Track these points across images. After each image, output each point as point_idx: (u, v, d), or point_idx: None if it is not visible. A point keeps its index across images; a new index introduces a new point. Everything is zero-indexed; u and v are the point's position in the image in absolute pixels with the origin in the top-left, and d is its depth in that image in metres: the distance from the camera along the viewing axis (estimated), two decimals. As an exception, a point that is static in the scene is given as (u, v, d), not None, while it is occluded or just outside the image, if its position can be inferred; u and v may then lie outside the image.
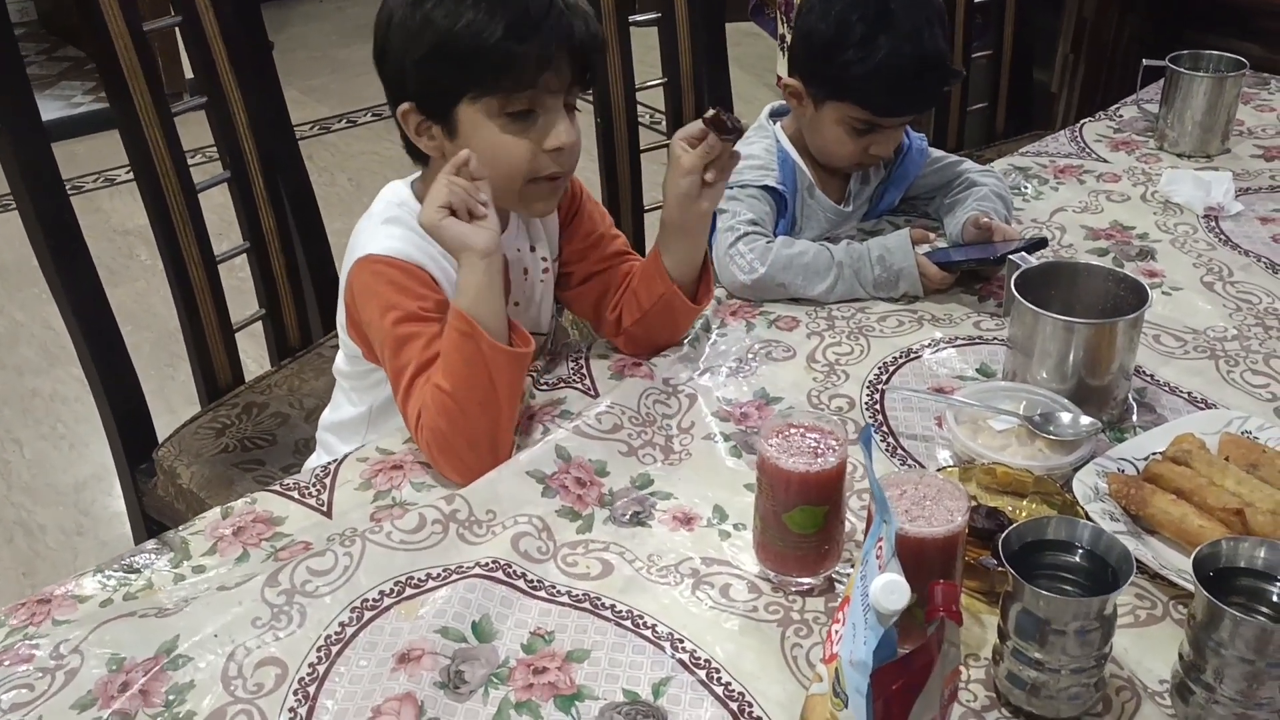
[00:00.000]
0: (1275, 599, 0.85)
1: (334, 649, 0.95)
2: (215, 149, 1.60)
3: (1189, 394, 1.27)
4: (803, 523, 0.98)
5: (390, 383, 1.17)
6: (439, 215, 1.10)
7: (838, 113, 1.48)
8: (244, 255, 1.66)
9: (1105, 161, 1.84)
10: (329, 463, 1.19)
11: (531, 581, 1.02)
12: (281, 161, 1.64)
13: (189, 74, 1.68)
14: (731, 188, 1.53)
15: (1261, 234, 1.60)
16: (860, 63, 1.42)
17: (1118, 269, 1.26)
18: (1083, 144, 1.90)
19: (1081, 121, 1.99)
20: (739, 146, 1.59)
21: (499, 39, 1.09)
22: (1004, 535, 0.88)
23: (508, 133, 1.14)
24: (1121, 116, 2.01)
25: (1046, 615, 0.85)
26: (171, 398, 2.47)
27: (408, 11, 1.13)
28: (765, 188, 1.52)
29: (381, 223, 1.20)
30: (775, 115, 1.63)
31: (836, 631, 0.81)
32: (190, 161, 1.53)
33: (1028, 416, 1.15)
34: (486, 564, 1.02)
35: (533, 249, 1.32)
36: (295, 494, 1.14)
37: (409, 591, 1.00)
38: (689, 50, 1.88)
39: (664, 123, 1.97)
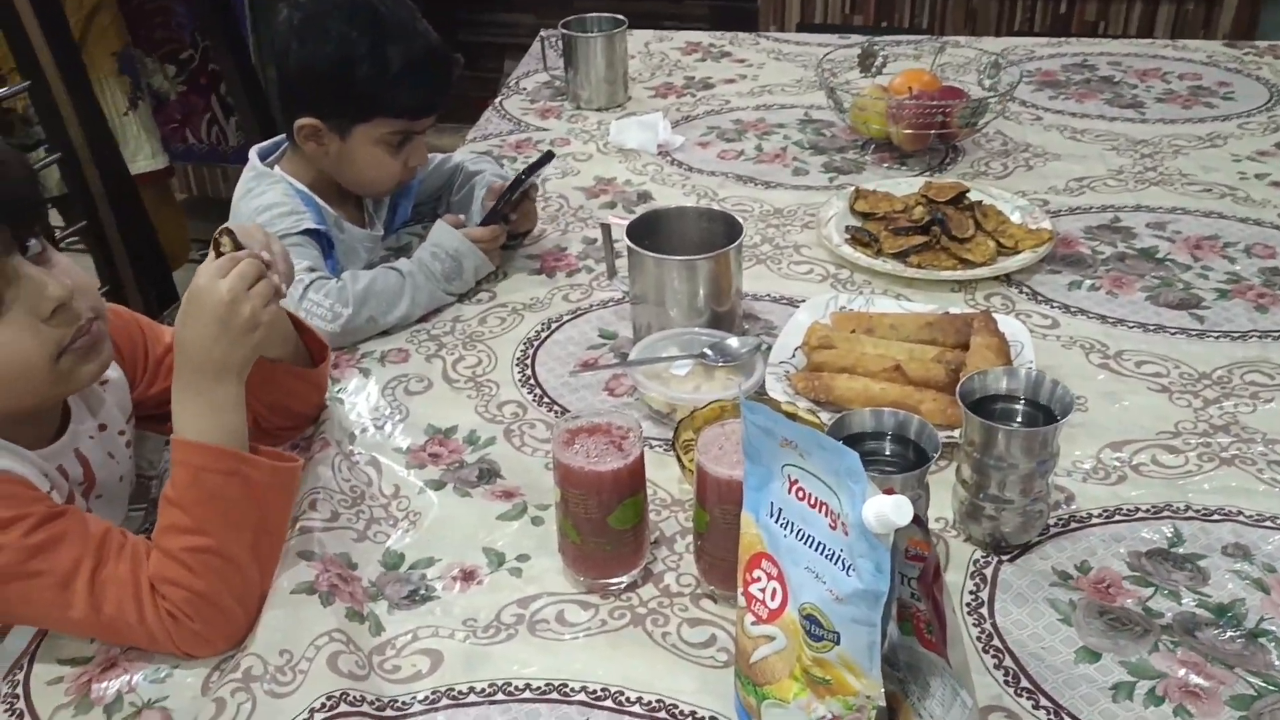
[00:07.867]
0: (1020, 416, 1.02)
1: None
2: None
3: (767, 295, 1.43)
4: (627, 518, 0.97)
5: (46, 603, 0.90)
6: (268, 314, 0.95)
7: (369, 134, 1.41)
8: None
9: (547, 130, 1.95)
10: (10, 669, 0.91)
11: (374, 703, 0.89)
12: None
13: None
14: (268, 241, 1.39)
15: (708, 156, 1.83)
16: (380, 73, 1.36)
17: (708, 208, 1.38)
18: (516, 120, 2.00)
19: (497, 100, 2.08)
20: (247, 200, 1.46)
21: None
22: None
23: None
24: (525, 89, 2.13)
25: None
26: None
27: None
28: (306, 231, 1.40)
29: None
30: (264, 156, 1.50)
31: (767, 589, 0.81)
32: None
33: (702, 353, 1.22)
34: (321, 704, 0.87)
35: (103, 428, 1.08)
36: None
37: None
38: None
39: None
